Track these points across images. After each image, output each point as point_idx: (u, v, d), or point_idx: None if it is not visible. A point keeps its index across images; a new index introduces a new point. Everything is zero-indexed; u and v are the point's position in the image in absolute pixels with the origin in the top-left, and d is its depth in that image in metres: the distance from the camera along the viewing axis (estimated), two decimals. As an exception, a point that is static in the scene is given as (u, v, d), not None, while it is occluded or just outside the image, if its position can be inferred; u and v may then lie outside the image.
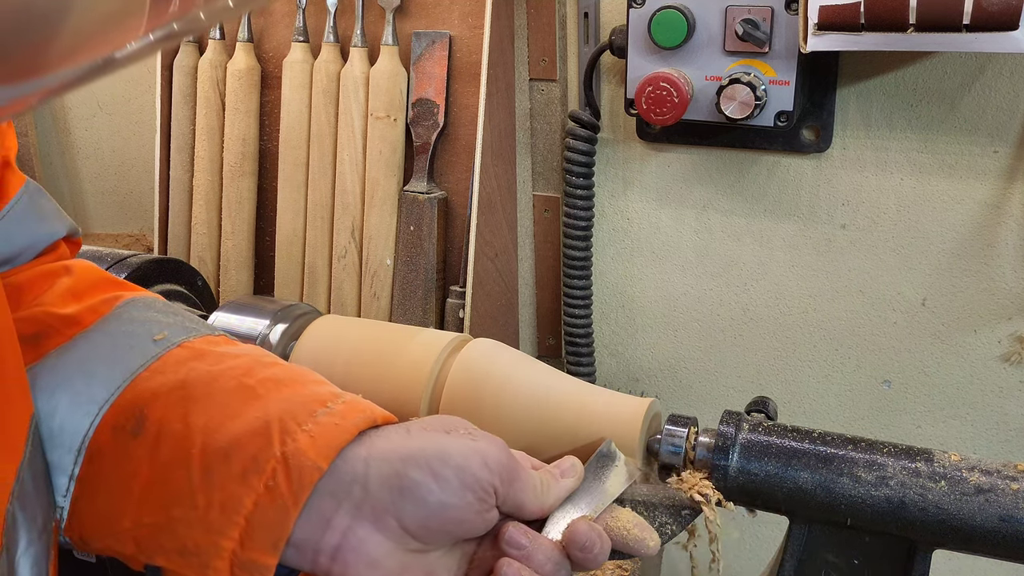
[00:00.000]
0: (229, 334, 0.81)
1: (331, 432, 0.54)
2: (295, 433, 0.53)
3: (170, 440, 0.53)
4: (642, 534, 0.61)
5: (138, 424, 0.54)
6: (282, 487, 0.51)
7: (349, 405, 0.56)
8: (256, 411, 0.54)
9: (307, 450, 0.52)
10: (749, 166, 1.13)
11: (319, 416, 0.54)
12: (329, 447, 0.53)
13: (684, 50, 1.05)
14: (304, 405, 0.55)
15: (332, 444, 0.53)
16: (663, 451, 0.70)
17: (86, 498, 0.54)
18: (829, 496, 0.65)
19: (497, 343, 0.79)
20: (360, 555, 0.53)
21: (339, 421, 0.54)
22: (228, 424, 0.54)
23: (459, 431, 0.57)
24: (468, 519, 0.55)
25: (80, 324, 0.58)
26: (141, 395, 0.55)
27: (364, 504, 0.53)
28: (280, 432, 0.53)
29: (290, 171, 1.25)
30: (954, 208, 1.05)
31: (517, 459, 0.58)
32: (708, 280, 1.19)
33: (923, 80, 1.02)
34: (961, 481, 0.63)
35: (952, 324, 1.09)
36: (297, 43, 1.22)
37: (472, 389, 0.74)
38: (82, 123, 1.55)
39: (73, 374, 0.55)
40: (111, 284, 0.63)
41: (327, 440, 0.53)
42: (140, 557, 0.54)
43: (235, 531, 0.51)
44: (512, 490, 0.56)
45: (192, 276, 0.92)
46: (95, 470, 0.54)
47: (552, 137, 1.22)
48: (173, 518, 0.52)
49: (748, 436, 0.68)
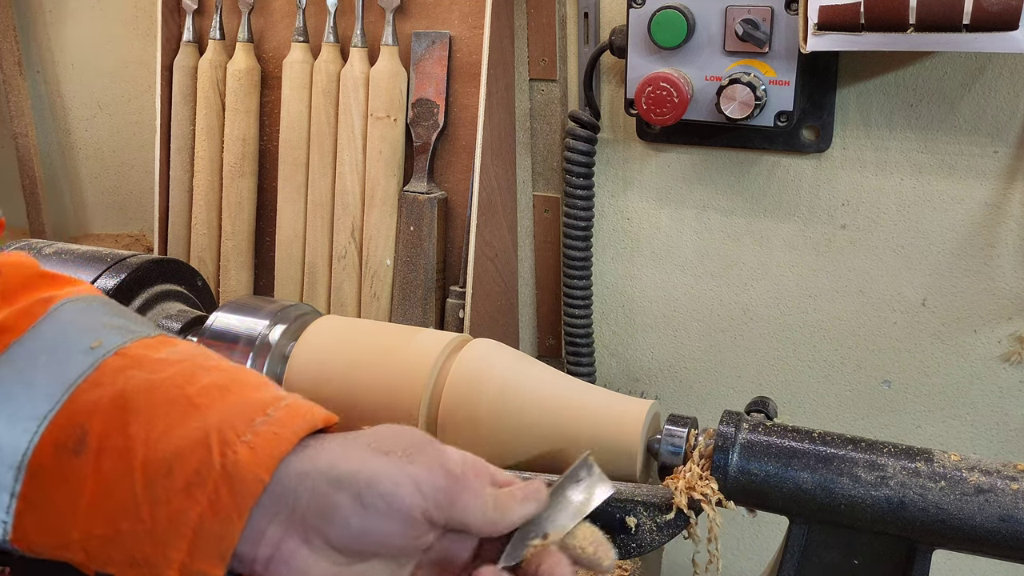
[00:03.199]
0: (229, 334, 0.81)
1: (271, 442, 0.53)
2: (235, 444, 0.53)
3: (112, 454, 0.53)
4: (597, 553, 0.59)
5: (79, 442, 0.53)
6: (225, 500, 0.52)
7: (289, 410, 0.56)
8: (196, 422, 0.54)
9: (248, 462, 0.52)
10: (749, 166, 1.13)
11: (258, 425, 0.54)
12: (270, 457, 0.53)
13: (684, 50, 1.05)
14: (243, 414, 0.55)
15: (272, 454, 0.53)
16: (663, 451, 0.70)
17: (31, 512, 0.54)
18: (829, 496, 0.65)
19: (497, 343, 0.79)
20: (291, 568, 0.53)
21: (278, 430, 0.54)
22: (168, 436, 0.53)
23: (397, 452, 0.56)
24: (397, 544, 0.54)
25: (14, 331, 0.57)
26: (81, 409, 0.54)
27: (294, 518, 0.53)
28: (220, 443, 0.53)
29: (290, 171, 1.25)
30: (954, 208, 1.05)
31: (464, 477, 0.56)
32: (708, 280, 1.19)
33: (923, 80, 1.02)
34: (961, 481, 0.63)
35: (952, 324, 1.09)
36: (297, 43, 1.22)
37: (472, 389, 0.74)
38: (82, 123, 1.55)
39: (11, 386, 0.55)
40: (44, 281, 0.61)
41: (267, 451, 0.53)
42: (91, 566, 0.54)
43: (183, 543, 0.51)
44: (454, 511, 0.55)
45: (192, 276, 0.92)
46: (38, 486, 0.53)
47: (552, 137, 1.22)
48: (121, 531, 0.52)
49: (748, 436, 0.68)
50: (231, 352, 0.80)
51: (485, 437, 0.73)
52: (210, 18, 1.29)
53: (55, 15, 1.51)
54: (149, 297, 0.86)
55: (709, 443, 0.69)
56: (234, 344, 0.80)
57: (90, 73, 1.51)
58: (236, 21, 1.27)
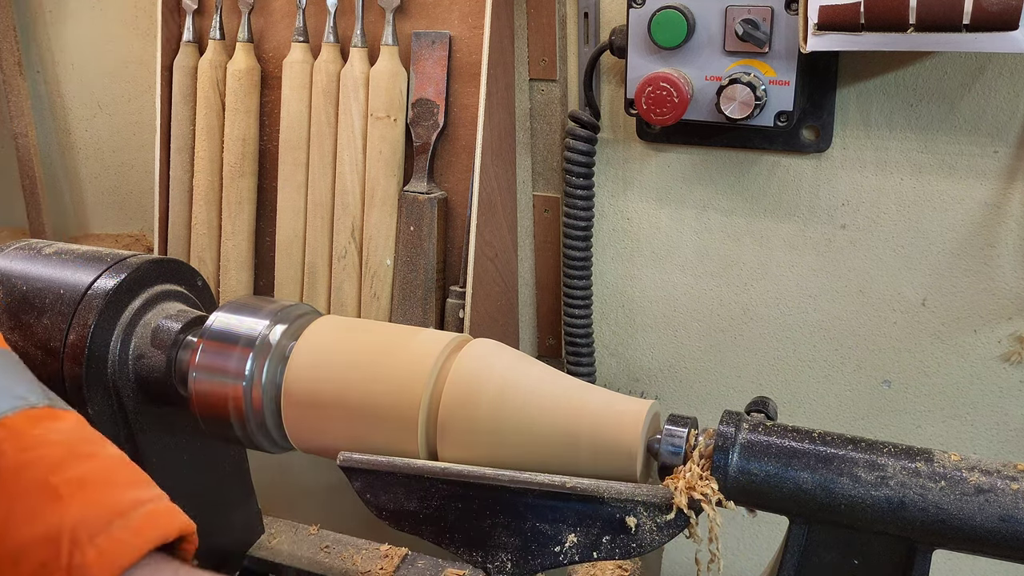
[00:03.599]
0: (229, 334, 0.81)
1: (119, 549, 0.54)
2: (84, 546, 0.53)
3: None
4: None
5: None
6: None
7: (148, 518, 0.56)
8: (54, 515, 0.54)
9: (92, 566, 0.53)
10: (749, 166, 1.13)
11: (113, 529, 0.54)
12: (114, 566, 0.53)
13: (684, 50, 1.05)
14: (102, 514, 0.55)
15: (117, 563, 0.53)
16: (663, 451, 0.71)
17: None
18: (829, 496, 0.65)
19: (497, 343, 0.79)
20: None
21: (130, 538, 0.54)
22: (23, 526, 0.54)
23: None
24: None
25: None
26: None
27: None
28: (70, 542, 0.53)
29: (290, 171, 1.25)
30: (954, 208, 1.05)
31: None
32: (708, 280, 1.19)
33: (923, 80, 1.02)
34: (961, 481, 0.63)
35: (952, 324, 1.09)
36: (297, 43, 1.22)
37: (472, 389, 0.74)
38: (82, 123, 1.55)
39: None
40: None
41: (113, 558, 0.53)
42: None
43: None
44: None
45: (192, 276, 0.92)
46: None
47: (552, 137, 1.22)
48: None
49: (748, 436, 0.68)
50: (231, 352, 0.80)
51: (485, 437, 0.73)
52: (210, 18, 1.29)
53: (55, 15, 1.51)
54: (149, 297, 0.86)
55: (709, 443, 0.69)
56: (234, 344, 0.80)
57: (90, 73, 1.51)
58: (236, 21, 1.27)
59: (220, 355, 0.80)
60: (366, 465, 0.75)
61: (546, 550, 0.71)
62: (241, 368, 0.79)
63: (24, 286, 0.84)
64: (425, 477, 0.74)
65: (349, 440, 0.77)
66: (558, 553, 0.71)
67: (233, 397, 0.79)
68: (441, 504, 0.74)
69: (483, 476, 0.72)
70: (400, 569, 1.06)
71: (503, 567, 0.72)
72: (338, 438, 0.78)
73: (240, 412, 0.80)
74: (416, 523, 0.75)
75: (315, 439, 0.80)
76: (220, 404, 0.80)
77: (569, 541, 0.71)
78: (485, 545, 0.73)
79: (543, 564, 0.72)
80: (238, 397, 0.79)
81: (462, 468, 0.73)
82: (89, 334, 0.80)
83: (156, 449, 0.87)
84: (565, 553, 0.71)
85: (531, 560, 0.72)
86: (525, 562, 0.72)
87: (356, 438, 0.77)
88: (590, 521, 0.70)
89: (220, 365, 0.80)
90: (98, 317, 0.81)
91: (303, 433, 0.80)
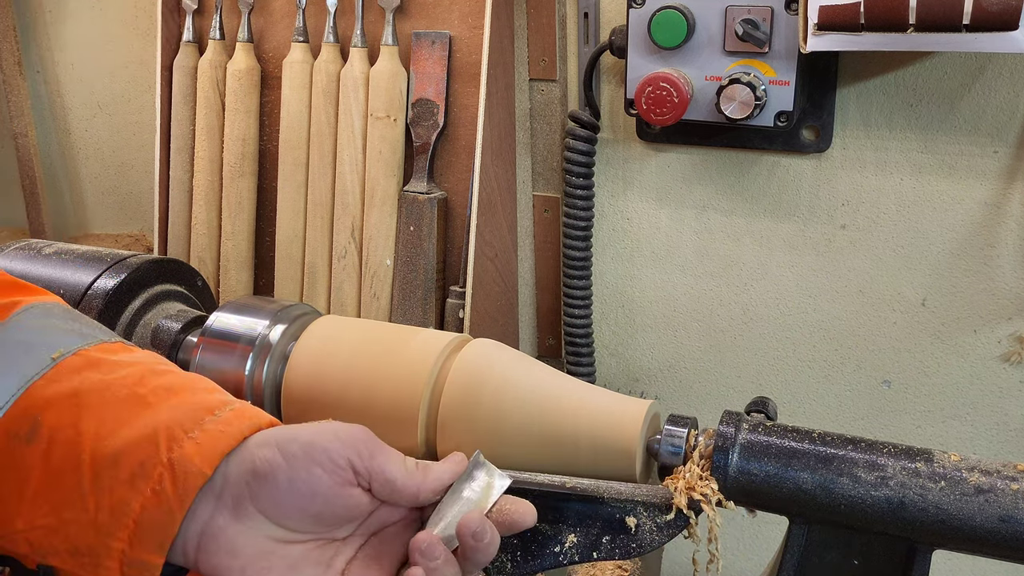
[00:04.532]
0: (229, 334, 0.81)
1: (216, 439, 0.55)
2: (181, 440, 0.55)
3: (62, 446, 0.55)
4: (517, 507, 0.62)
5: (32, 431, 0.55)
6: (168, 491, 0.54)
7: (237, 412, 0.58)
8: (146, 419, 0.56)
9: (193, 456, 0.54)
10: (749, 166, 1.13)
11: (206, 424, 0.56)
12: (213, 453, 0.55)
13: (684, 50, 1.05)
14: (192, 413, 0.57)
15: (216, 450, 0.55)
16: (663, 451, 0.70)
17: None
18: (829, 496, 0.65)
19: (497, 343, 0.79)
20: (220, 543, 0.55)
21: (224, 428, 0.56)
22: (118, 431, 0.55)
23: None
24: (323, 494, 0.56)
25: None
26: (36, 403, 0.56)
27: (224, 493, 0.55)
28: (167, 439, 0.55)
29: (290, 171, 1.25)
30: (954, 208, 1.05)
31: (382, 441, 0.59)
32: (708, 280, 1.19)
33: (923, 80, 1.02)
34: (961, 481, 0.63)
35: (952, 324, 1.09)
36: (297, 43, 1.22)
37: (472, 389, 0.74)
38: (82, 123, 1.55)
39: None
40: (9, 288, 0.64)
41: (212, 446, 0.55)
42: (34, 556, 0.55)
43: (124, 533, 0.53)
44: (375, 464, 0.57)
45: (192, 276, 0.92)
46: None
47: (552, 137, 1.22)
48: (65, 520, 0.54)
49: (748, 436, 0.68)
50: (231, 352, 0.80)
51: (485, 437, 0.73)
52: (210, 18, 1.29)
53: (55, 15, 1.51)
54: (149, 297, 0.86)
55: (709, 443, 0.69)
56: (234, 344, 0.80)
57: (90, 73, 1.51)
58: (236, 21, 1.27)
59: (220, 355, 0.80)
60: (366, 465, 0.75)
61: (546, 550, 0.71)
62: (241, 368, 0.79)
63: (24, 286, 0.84)
64: (425, 477, 0.74)
65: (349, 440, 0.77)
66: (558, 553, 0.71)
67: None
68: (441, 504, 0.73)
69: (483, 476, 0.72)
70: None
71: (503, 567, 0.72)
72: (338, 438, 0.78)
73: (240, 412, 0.80)
74: (416, 523, 0.74)
75: (315, 439, 0.80)
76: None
77: (569, 541, 0.71)
78: (485, 545, 0.72)
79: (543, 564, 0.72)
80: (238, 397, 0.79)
81: (462, 468, 0.73)
82: (89, 334, 0.80)
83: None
84: (565, 553, 0.71)
85: (531, 560, 0.72)
86: (525, 562, 0.72)
87: (356, 438, 0.77)
88: (590, 521, 0.70)
89: (220, 365, 0.80)
90: (98, 317, 0.81)
91: (303, 433, 0.80)
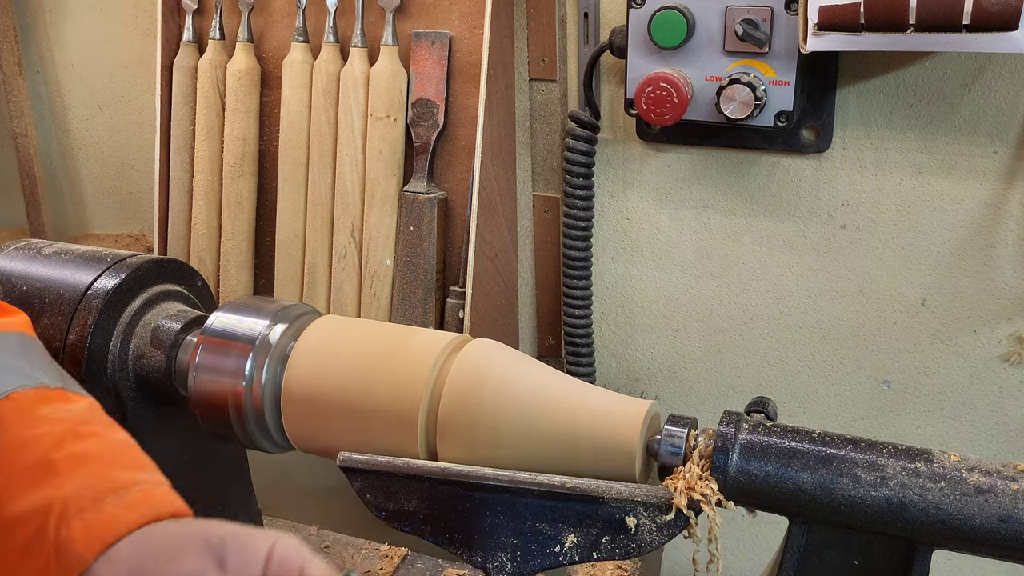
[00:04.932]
0: (229, 334, 0.81)
1: (107, 524, 0.54)
2: (71, 520, 0.54)
3: None
4: None
5: None
6: (52, 572, 0.53)
7: (142, 496, 0.56)
8: (49, 489, 0.55)
9: (78, 540, 0.53)
10: (749, 166, 1.13)
11: (106, 503, 0.55)
12: (100, 540, 0.54)
13: (684, 50, 1.05)
14: (96, 490, 0.56)
15: (103, 537, 0.54)
16: (663, 451, 0.71)
17: None
18: (829, 496, 0.65)
19: (497, 343, 0.79)
20: None
21: (122, 513, 0.55)
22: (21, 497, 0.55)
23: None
24: None
25: None
26: None
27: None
28: (59, 515, 0.54)
29: (290, 171, 1.25)
30: (954, 208, 1.05)
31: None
32: (708, 280, 1.19)
33: (923, 80, 1.02)
34: (961, 481, 0.63)
35: (952, 324, 1.09)
36: (297, 43, 1.22)
37: (472, 389, 0.74)
38: (82, 123, 1.55)
39: None
40: None
41: (99, 532, 0.54)
42: None
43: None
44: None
45: (192, 276, 0.92)
46: None
47: (552, 137, 1.22)
48: None
49: (748, 436, 0.68)
50: (231, 352, 0.80)
51: (484, 437, 0.73)
52: (210, 18, 1.29)
53: (55, 15, 1.51)
54: (149, 297, 0.86)
55: (709, 443, 0.69)
56: (234, 344, 0.80)
57: (90, 73, 1.51)
58: (236, 21, 1.27)
59: (220, 355, 0.80)
60: (366, 465, 0.75)
61: (546, 550, 0.71)
62: (241, 368, 0.79)
63: (24, 286, 0.84)
64: (425, 477, 0.74)
65: (349, 440, 0.77)
66: (558, 553, 0.71)
67: (233, 397, 0.79)
68: (441, 504, 0.74)
69: (483, 476, 0.72)
70: (400, 569, 1.06)
71: (503, 567, 0.72)
72: (338, 438, 0.78)
73: (240, 412, 0.80)
74: (416, 523, 0.75)
75: (315, 439, 0.80)
76: (220, 404, 0.80)
77: (569, 541, 0.71)
78: (485, 545, 0.73)
79: (543, 564, 0.72)
80: (238, 397, 0.79)
81: (462, 468, 0.73)
82: (89, 334, 0.80)
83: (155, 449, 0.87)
84: (565, 553, 0.71)
85: (531, 560, 0.72)
86: (525, 562, 0.72)
87: (356, 438, 0.77)
88: (590, 521, 0.70)
89: (220, 365, 0.80)
90: (98, 317, 0.81)
91: (303, 433, 0.80)
